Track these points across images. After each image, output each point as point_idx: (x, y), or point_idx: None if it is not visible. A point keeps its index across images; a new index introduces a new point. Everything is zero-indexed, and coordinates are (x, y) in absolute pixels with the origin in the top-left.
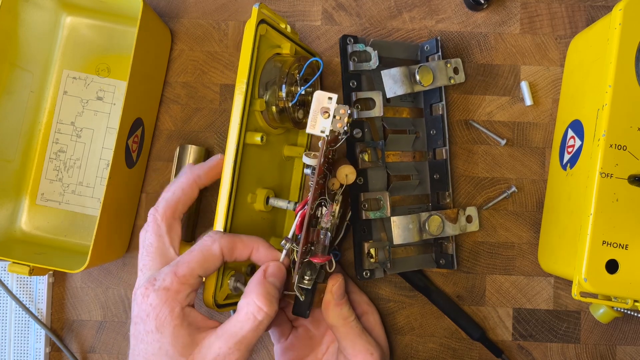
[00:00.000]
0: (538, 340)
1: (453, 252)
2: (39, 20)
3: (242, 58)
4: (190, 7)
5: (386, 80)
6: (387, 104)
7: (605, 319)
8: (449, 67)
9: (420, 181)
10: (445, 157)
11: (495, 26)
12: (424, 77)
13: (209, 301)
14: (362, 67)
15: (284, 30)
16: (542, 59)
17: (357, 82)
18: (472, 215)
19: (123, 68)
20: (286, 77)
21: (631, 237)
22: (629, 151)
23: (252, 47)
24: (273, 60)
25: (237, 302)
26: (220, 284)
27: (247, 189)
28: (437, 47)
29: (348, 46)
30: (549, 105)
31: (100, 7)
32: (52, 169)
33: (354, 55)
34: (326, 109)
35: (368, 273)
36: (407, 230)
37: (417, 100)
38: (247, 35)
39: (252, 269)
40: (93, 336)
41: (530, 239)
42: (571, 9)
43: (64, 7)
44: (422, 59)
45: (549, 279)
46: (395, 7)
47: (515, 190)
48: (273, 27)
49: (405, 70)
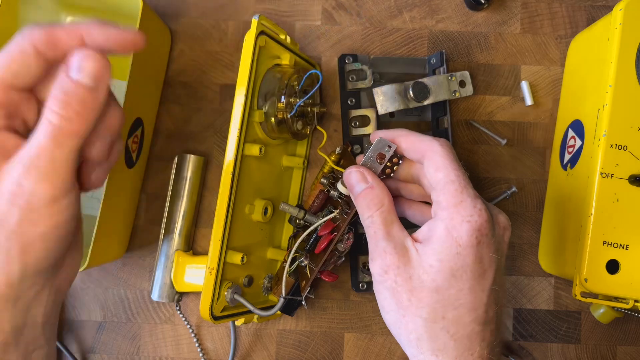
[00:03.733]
0: (538, 340)
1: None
2: (39, 20)
3: (242, 70)
4: (190, 7)
5: (377, 97)
6: (391, 119)
7: (606, 319)
8: (453, 81)
9: None
10: None
11: (495, 26)
12: (419, 94)
13: (205, 313)
14: (358, 85)
15: (284, 41)
16: (542, 59)
17: (355, 99)
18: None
19: (123, 68)
20: (285, 88)
21: (632, 237)
22: (629, 151)
23: (252, 59)
24: (272, 71)
25: (235, 314)
26: (217, 296)
27: (245, 200)
28: (442, 60)
29: (346, 65)
30: (550, 105)
31: (100, 7)
32: None
33: (351, 74)
34: (382, 155)
35: (364, 285)
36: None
37: (424, 114)
38: (246, 47)
39: (249, 280)
40: (93, 336)
41: (531, 239)
42: (572, 9)
43: (63, 7)
44: (429, 72)
45: (550, 279)
46: (395, 6)
47: (515, 190)
48: (272, 39)
49: (399, 87)
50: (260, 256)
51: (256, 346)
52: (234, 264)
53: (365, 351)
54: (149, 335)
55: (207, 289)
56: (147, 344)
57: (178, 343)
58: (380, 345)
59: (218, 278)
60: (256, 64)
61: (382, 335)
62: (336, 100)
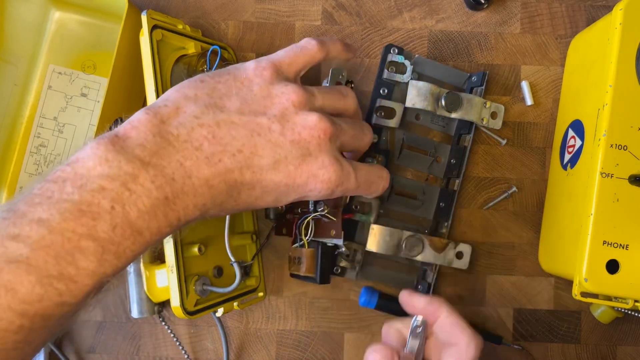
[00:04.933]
0: (538, 340)
1: (432, 281)
2: (27, 14)
3: (145, 67)
4: (189, 6)
5: (411, 89)
6: (415, 121)
7: (606, 319)
8: (487, 107)
9: (425, 204)
10: (455, 189)
11: (495, 26)
12: (450, 105)
13: (178, 311)
14: (395, 78)
15: (183, 30)
16: (542, 59)
17: (389, 91)
18: (464, 252)
19: (109, 66)
20: (195, 74)
21: (632, 237)
22: (629, 151)
23: (152, 55)
24: (180, 62)
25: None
26: (186, 291)
27: None
28: (483, 80)
29: (389, 55)
30: (550, 105)
31: (89, 4)
32: (32, 163)
33: (392, 65)
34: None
35: (339, 269)
36: (383, 241)
37: (448, 127)
38: (143, 45)
39: (218, 271)
40: (92, 336)
41: (531, 239)
42: (572, 9)
43: (52, 2)
44: (467, 89)
45: (550, 279)
46: (395, 6)
47: (515, 190)
48: (170, 30)
49: (434, 89)
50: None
51: (256, 346)
52: (194, 256)
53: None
54: (149, 335)
55: (173, 287)
56: (147, 344)
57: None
58: None
59: (181, 274)
60: (159, 59)
61: None
62: None
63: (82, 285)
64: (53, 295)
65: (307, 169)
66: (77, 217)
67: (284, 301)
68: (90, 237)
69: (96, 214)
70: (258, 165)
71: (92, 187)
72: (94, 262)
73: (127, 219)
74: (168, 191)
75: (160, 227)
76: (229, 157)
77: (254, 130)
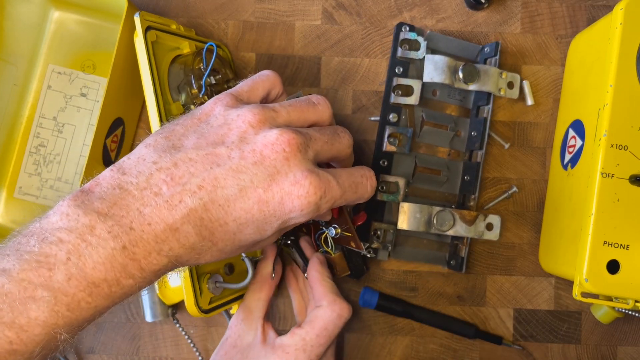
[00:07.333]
0: (539, 340)
1: (465, 255)
2: (27, 14)
3: (142, 69)
4: (189, 6)
5: (428, 64)
6: (432, 98)
7: (606, 320)
8: (503, 78)
9: (450, 179)
10: (479, 160)
11: (496, 25)
12: (468, 76)
13: (192, 309)
14: (410, 55)
15: (177, 30)
16: (542, 59)
17: (404, 69)
18: (494, 223)
19: (108, 66)
20: (192, 73)
21: (632, 237)
22: (630, 151)
23: (147, 57)
24: (176, 62)
25: (225, 302)
26: (199, 290)
27: None
28: (496, 50)
29: (401, 33)
30: (550, 105)
31: (88, 4)
32: (32, 162)
33: (405, 43)
34: None
35: (371, 251)
36: (413, 219)
37: (465, 100)
38: (138, 46)
39: (230, 268)
40: (92, 336)
41: (531, 239)
42: (572, 9)
43: (52, 2)
44: (480, 61)
45: (550, 279)
46: (395, 6)
47: (516, 190)
48: (164, 31)
49: (451, 62)
50: None
51: None
52: None
53: (365, 351)
54: (149, 335)
55: (187, 286)
56: (147, 344)
57: (178, 343)
58: (380, 346)
59: (194, 273)
60: (155, 60)
61: (382, 336)
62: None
63: (32, 334)
64: (4, 342)
65: (279, 188)
66: (34, 268)
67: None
68: (45, 287)
69: (52, 264)
70: (223, 197)
71: (51, 240)
72: (45, 313)
73: (82, 270)
74: (125, 240)
75: (119, 279)
76: (190, 195)
77: (213, 162)
